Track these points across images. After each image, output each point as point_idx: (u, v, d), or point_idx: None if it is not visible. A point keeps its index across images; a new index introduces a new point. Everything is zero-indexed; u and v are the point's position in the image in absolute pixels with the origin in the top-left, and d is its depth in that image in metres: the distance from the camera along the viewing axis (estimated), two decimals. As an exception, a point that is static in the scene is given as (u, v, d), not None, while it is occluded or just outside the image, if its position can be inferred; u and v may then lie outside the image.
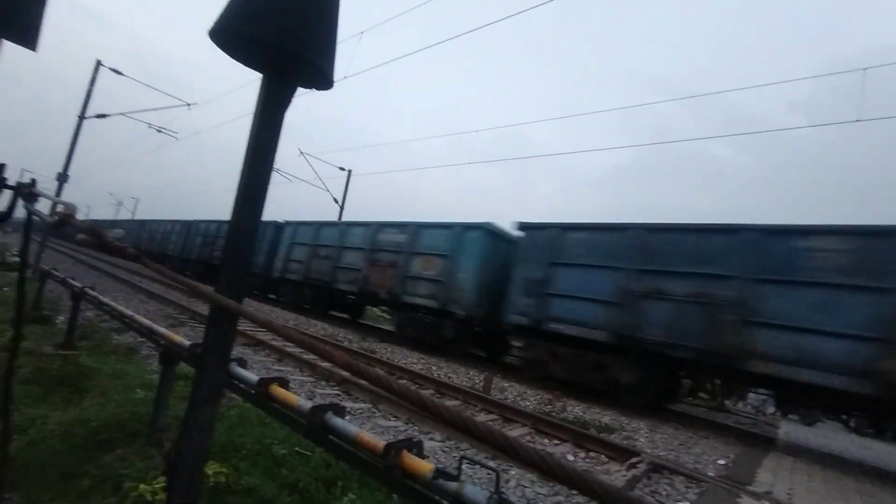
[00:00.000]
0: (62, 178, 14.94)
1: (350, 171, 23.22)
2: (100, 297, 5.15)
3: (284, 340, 7.47)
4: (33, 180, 1.12)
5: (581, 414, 7.16)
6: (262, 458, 3.04)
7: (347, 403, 5.29)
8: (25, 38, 0.93)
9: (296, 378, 6.28)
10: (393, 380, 0.73)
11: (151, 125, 18.79)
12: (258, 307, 15.04)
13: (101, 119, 16.58)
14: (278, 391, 2.36)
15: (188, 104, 17.51)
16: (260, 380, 2.40)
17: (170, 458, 1.07)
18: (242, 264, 1.18)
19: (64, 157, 15.14)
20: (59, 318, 6.82)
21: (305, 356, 7.23)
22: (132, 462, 2.61)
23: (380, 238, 13.48)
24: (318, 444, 2.36)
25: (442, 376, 8.26)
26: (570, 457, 5.01)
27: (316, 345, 0.77)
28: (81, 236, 0.95)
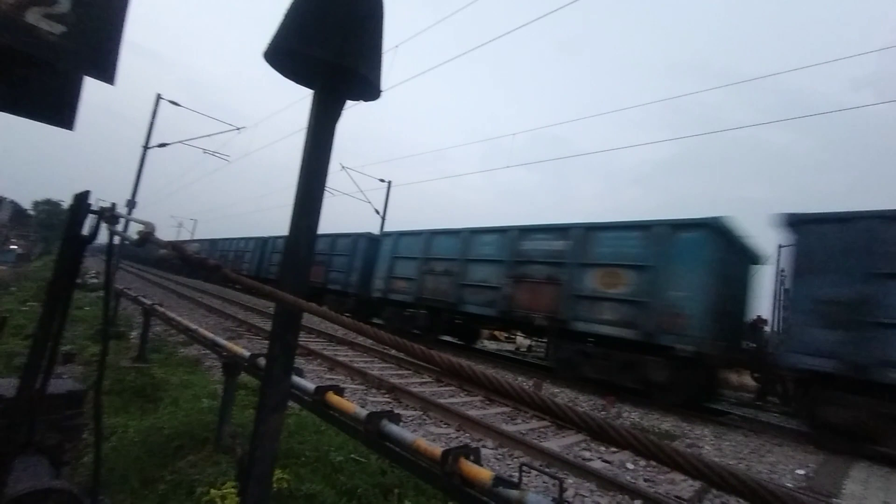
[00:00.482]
0: (131, 204, 16.26)
1: (390, 183, 23.72)
2: (167, 312, 5.52)
3: (346, 345, 7.58)
4: (113, 204, 1.22)
5: (638, 420, 6.85)
6: (320, 464, 3.12)
7: (398, 411, 5.35)
8: (105, 73, 1.01)
9: (347, 386, 6.42)
10: (519, 385, 0.71)
11: (206, 151, 20.11)
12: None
13: (162, 147, 17.93)
14: (334, 399, 2.42)
15: (237, 128, 18.61)
16: (317, 388, 2.47)
17: (242, 464, 1.11)
18: (303, 275, 1.21)
19: (119, 184, 16.53)
20: (132, 333, 7.37)
21: (355, 364, 7.38)
22: (202, 468, 2.75)
23: (525, 247, 10.55)
24: (375, 451, 2.39)
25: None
26: (629, 464, 4.79)
27: (412, 347, 0.78)
28: (164, 252, 1.01)
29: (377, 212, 23.17)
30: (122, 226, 1.25)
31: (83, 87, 1.32)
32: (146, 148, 17.06)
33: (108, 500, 2.37)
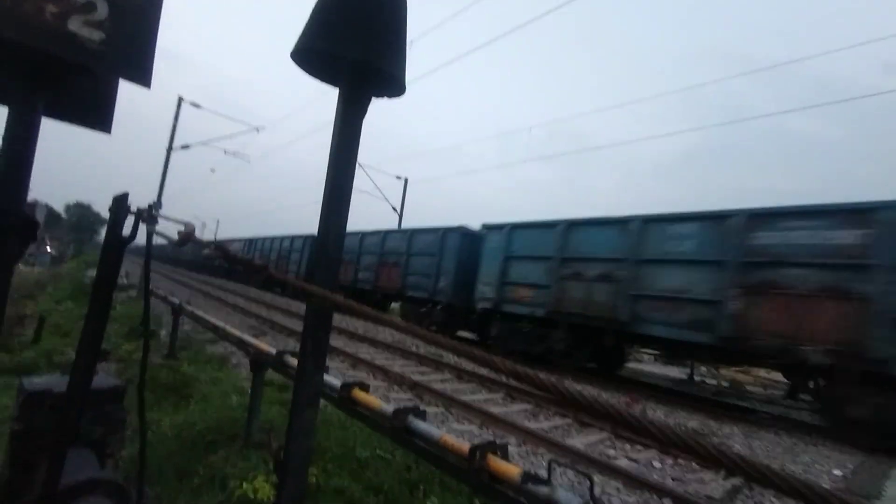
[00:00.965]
0: (157, 205, 16.75)
1: (406, 180, 23.81)
2: (196, 311, 5.67)
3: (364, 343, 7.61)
4: (150, 205, 1.25)
5: (663, 417, 6.72)
6: (346, 460, 3.16)
7: (421, 408, 5.38)
8: (142, 76, 1.04)
9: (370, 383, 6.49)
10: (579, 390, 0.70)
11: (227, 151, 20.55)
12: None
13: (185, 149, 18.39)
14: (360, 395, 2.45)
15: (256, 129, 18.95)
16: (343, 384, 2.50)
17: (279, 458, 1.13)
18: (333, 271, 1.23)
19: (145, 185, 17.04)
20: (163, 331, 7.61)
21: (377, 362, 7.45)
22: (234, 462, 2.82)
23: (763, 240, 7.01)
24: (402, 446, 2.40)
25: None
26: (656, 464, 4.71)
27: (474, 351, 0.78)
28: (207, 251, 1.03)
29: (394, 209, 23.30)
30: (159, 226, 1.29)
31: (118, 92, 1.36)
32: (170, 150, 17.53)
33: (149, 491, 2.45)
